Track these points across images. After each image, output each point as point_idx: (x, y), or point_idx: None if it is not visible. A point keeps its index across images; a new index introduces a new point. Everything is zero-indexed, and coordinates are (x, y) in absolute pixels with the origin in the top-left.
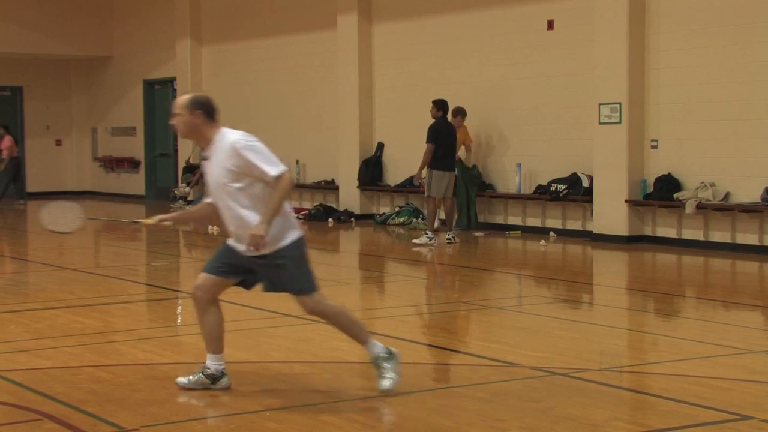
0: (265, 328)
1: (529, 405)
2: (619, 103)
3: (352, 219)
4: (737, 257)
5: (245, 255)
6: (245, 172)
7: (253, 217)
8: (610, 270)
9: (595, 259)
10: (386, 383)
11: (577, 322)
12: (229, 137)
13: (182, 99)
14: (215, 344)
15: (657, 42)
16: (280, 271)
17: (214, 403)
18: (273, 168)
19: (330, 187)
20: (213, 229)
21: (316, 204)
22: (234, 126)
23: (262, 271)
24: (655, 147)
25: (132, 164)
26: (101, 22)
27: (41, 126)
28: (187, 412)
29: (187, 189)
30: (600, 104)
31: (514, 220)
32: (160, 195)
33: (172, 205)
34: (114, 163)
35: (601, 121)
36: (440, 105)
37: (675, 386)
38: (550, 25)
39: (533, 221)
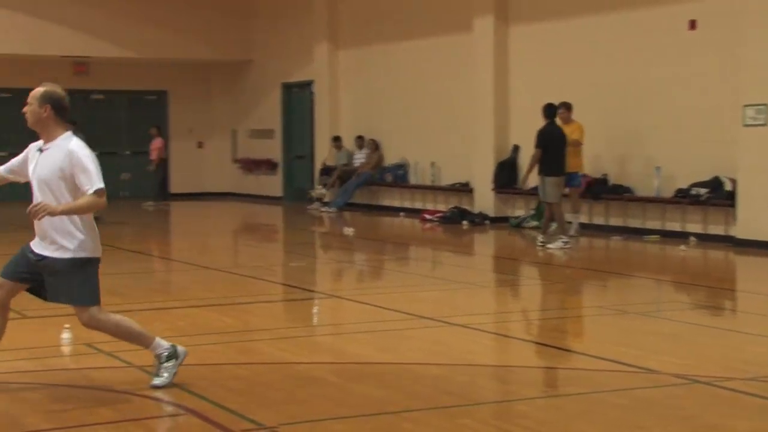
0: (402, 330)
1: (670, 413)
2: (765, 105)
3: (487, 222)
4: None
5: (35, 256)
6: (71, 179)
7: (58, 222)
8: (756, 276)
9: (739, 265)
10: (157, 381)
11: (720, 329)
12: (73, 142)
13: (36, 90)
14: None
15: None
16: (64, 276)
17: (351, 404)
18: (93, 185)
19: (464, 189)
20: (349, 231)
21: (450, 206)
22: (371, 128)
23: (47, 278)
24: None
25: (270, 166)
26: (242, 26)
27: (184, 129)
28: (324, 411)
29: (324, 191)
30: (745, 106)
31: (653, 224)
32: (297, 197)
33: (308, 207)
34: (252, 165)
35: (746, 123)
36: (545, 110)
37: None
38: (693, 25)
39: (672, 225)
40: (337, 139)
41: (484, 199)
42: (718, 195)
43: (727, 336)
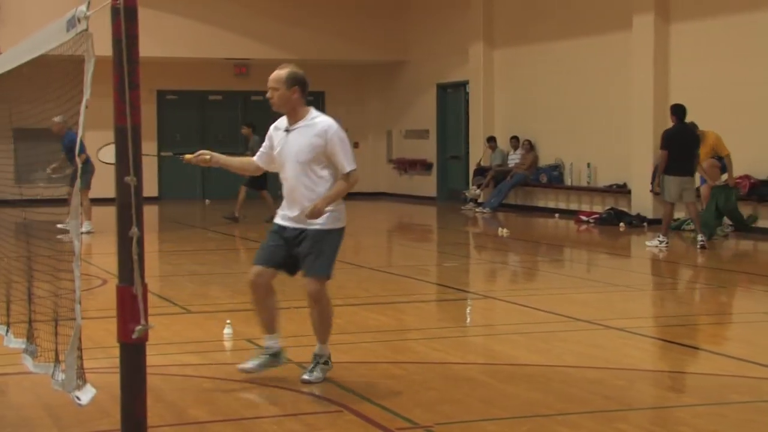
0: (558, 332)
1: None
2: None
3: (645, 224)
4: None
5: (291, 231)
6: (327, 155)
7: (317, 194)
8: None
9: None
10: (310, 377)
11: None
12: (324, 119)
13: (280, 73)
14: (269, 325)
15: None
16: (316, 245)
17: (504, 405)
18: (350, 164)
19: (622, 190)
20: (503, 231)
21: (607, 207)
22: (526, 129)
23: (300, 249)
24: None
25: (424, 166)
26: (397, 27)
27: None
28: (477, 412)
29: (478, 191)
30: None
31: None
32: (450, 197)
33: (462, 207)
34: (407, 165)
35: None
36: (674, 110)
37: None
38: None
39: None
40: (491, 140)
41: (642, 201)
42: None
43: None
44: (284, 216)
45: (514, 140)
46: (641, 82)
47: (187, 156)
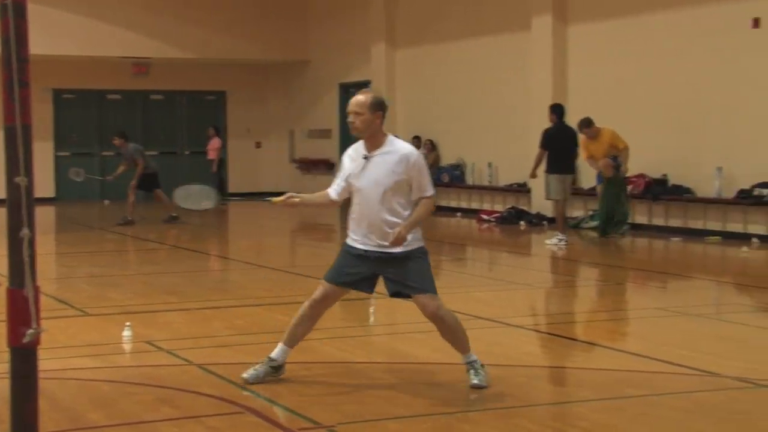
0: None
1: (731, 417)
2: None
3: (544, 222)
4: None
5: (374, 254)
6: (407, 181)
7: (396, 219)
8: None
9: None
10: (478, 380)
11: None
12: (403, 145)
13: (364, 98)
14: (294, 341)
15: None
16: (409, 266)
17: (407, 404)
18: (430, 189)
19: (522, 190)
20: None
21: (508, 207)
22: (428, 129)
23: (389, 271)
24: None
25: (327, 166)
26: (299, 27)
27: (242, 129)
28: (380, 411)
29: None
30: None
31: (714, 225)
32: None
33: None
34: (310, 165)
35: None
36: (553, 110)
37: None
38: (756, 23)
39: (734, 227)
40: None
41: (542, 200)
42: None
43: None
44: (363, 242)
45: (416, 140)
46: (540, 82)
47: (275, 199)
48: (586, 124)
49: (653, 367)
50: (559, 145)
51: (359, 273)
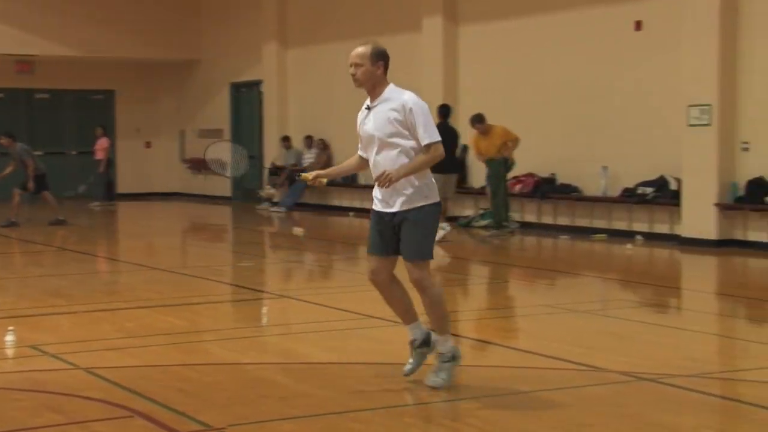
0: (351, 329)
1: (615, 410)
2: (709, 105)
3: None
4: None
5: (386, 213)
6: (409, 129)
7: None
8: (699, 274)
9: (683, 264)
10: (436, 380)
11: (665, 327)
12: (402, 92)
13: (364, 49)
14: (406, 316)
15: (749, 42)
16: (404, 227)
17: (298, 404)
18: (430, 136)
19: None
20: (298, 231)
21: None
22: (320, 128)
23: (398, 230)
24: (746, 149)
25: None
26: (190, 26)
27: (132, 129)
28: (271, 412)
29: (273, 191)
30: (689, 106)
31: (600, 223)
32: (246, 197)
33: (257, 207)
34: (201, 165)
35: (690, 123)
36: (439, 110)
37: (767, 394)
38: (638, 25)
39: (619, 224)
40: (286, 139)
41: None
42: (664, 194)
43: (672, 334)
44: (376, 199)
45: (308, 139)
46: (431, 83)
47: (305, 175)
48: (478, 119)
49: (542, 363)
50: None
51: (383, 236)
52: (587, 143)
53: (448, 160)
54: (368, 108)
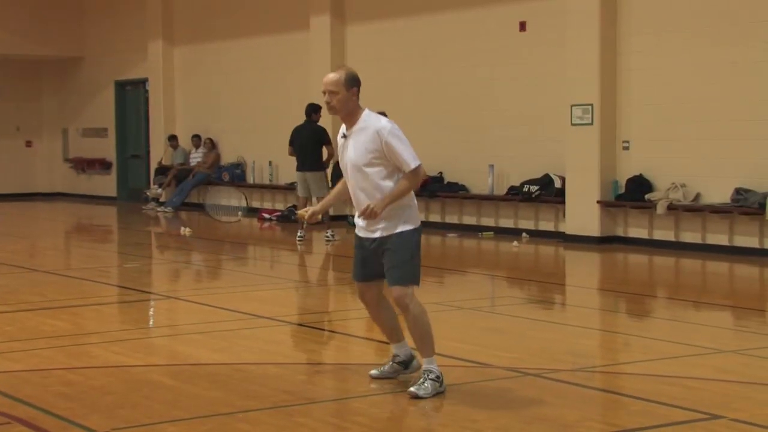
0: (239, 329)
1: (502, 405)
2: (591, 105)
3: (326, 220)
4: (707, 258)
5: (367, 238)
6: (383, 156)
7: (376, 197)
8: (582, 271)
9: (567, 260)
10: (419, 389)
11: (550, 322)
12: (376, 120)
13: (338, 76)
14: (392, 335)
15: (629, 43)
16: (387, 256)
17: (186, 406)
18: (413, 160)
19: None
20: (185, 231)
21: (288, 205)
22: (208, 127)
23: (383, 257)
24: (626, 148)
25: (103, 165)
26: (73, 22)
27: (11, 127)
28: (158, 414)
29: (159, 190)
30: (572, 105)
31: (487, 221)
32: (132, 197)
33: (143, 207)
34: (85, 165)
35: (573, 122)
36: (306, 109)
37: (647, 386)
38: (523, 26)
39: (506, 222)
40: (172, 138)
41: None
42: (549, 192)
43: (557, 329)
44: (358, 225)
45: (196, 138)
46: (319, 82)
47: (300, 213)
48: (310, 110)
49: (440, 362)
50: (299, 144)
51: (366, 262)
52: (474, 142)
53: (315, 158)
54: (344, 136)
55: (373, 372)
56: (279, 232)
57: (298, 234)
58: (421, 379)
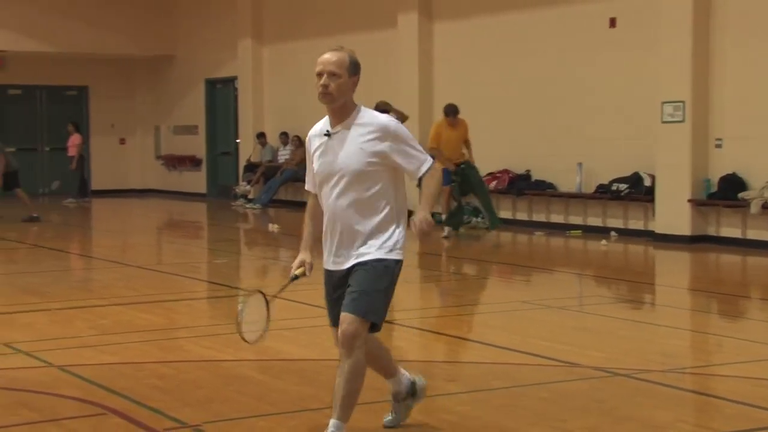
0: (326, 326)
1: (591, 405)
2: (683, 102)
3: (412, 217)
4: None
5: (338, 271)
6: (387, 164)
7: (372, 222)
8: (673, 270)
9: (657, 259)
10: (387, 419)
11: (640, 322)
12: (378, 115)
13: (341, 57)
14: (387, 370)
15: (722, 38)
16: (355, 277)
17: (275, 401)
18: (426, 157)
19: None
20: (273, 227)
21: None
22: (295, 125)
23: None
24: (719, 146)
25: (194, 162)
26: (165, 21)
27: (106, 125)
28: (248, 409)
29: (248, 187)
30: (663, 102)
31: (575, 219)
32: (221, 193)
33: (232, 204)
34: (176, 162)
35: (664, 119)
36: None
37: (740, 389)
38: (613, 23)
39: (594, 221)
40: (261, 136)
41: (408, 196)
42: (638, 190)
43: (646, 329)
44: (328, 260)
45: (284, 136)
46: (407, 80)
47: (298, 271)
48: (454, 111)
49: (518, 359)
50: None
51: (339, 303)
52: (562, 140)
53: None
54: (328, 134)
55: (388, 420)
56: None
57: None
58: (392, 406)
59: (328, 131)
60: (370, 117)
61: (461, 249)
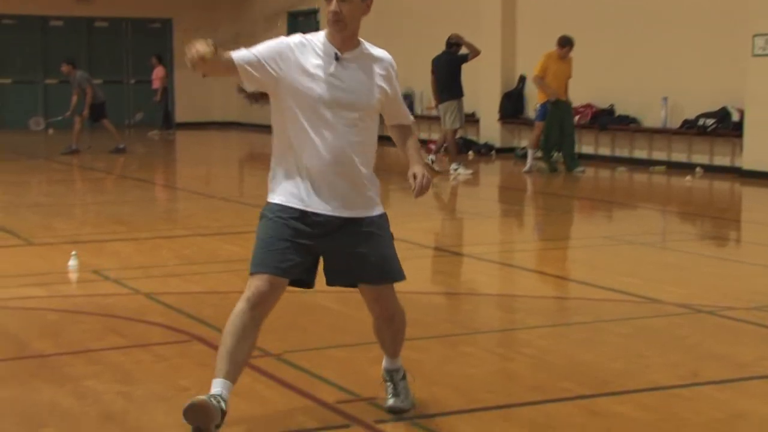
0: (406, 258)
1: (672, 341)
2: None
3: (493, 152)
4: None
5: (334, 217)
6: (385, 101)
7: (367, 160)
8: (761, 207)
9: (744, 196)
10: (398, 403)
11: (725, 259)
12: (383, 52)
13: None
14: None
15: None
16: (373, 243)
17: (353, 331)
18: (408, 111)
19: (470, 119)
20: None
21: (456, 137)
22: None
23: (341, 247)
24: None
25: None
26: None
27: None
28: (326, 339)
29: None
30: (754, 36)
31: (659, 155)
32: None
33: None
34: (258, 95)
35: (755, 53)
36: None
37: None
38: None
39: (678, 156)
40: None
41: (490, 130)
42: (725, 125)
43: (731, 266)
44: (311, 200)
45: None
46: (490, 11)
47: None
48: (570, 42)
49: (598, 295)
50: (440, 73)
51: (296, 251)
52: (647, 73)
53: (445, 90)
54: (338, 58)
55: (390, 402)
56: (446, 162)
57: (452, 166)
58: (393, 387)
59: (337, 54)
60: (376, 50)
61: (542, 184)
